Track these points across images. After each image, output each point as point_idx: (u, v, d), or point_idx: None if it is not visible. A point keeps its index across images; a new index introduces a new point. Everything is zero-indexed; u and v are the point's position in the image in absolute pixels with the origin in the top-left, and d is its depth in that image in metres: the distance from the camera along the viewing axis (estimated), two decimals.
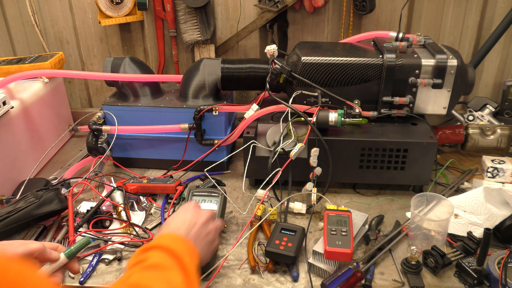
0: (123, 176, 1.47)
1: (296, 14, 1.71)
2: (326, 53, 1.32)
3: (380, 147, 1.27)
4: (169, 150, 1.48)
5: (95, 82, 1.92)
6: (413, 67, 1.27)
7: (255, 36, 1.75)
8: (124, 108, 1.44)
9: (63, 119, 1.72)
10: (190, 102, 1.44)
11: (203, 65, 1.42)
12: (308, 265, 1.06)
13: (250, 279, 1.05)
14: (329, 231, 1.05)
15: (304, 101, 1.33)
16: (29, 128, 1.48)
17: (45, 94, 1.58)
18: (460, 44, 1.73)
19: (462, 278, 1.02)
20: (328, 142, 1.24)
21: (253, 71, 1.38)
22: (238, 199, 1.34)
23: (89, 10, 1.76)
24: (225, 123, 1.45)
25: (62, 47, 1.84)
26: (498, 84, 1.78)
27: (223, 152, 1.45)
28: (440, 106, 1.33)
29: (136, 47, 1.83)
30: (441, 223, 1.08)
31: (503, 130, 1.40)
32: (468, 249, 1.07)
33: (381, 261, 1.09)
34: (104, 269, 1.09)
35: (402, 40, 1.41)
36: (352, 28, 1.68)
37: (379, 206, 1.30)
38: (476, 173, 1.42)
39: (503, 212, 1.13)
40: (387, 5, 1.67)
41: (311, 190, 1.25)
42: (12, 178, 1.38)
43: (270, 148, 1.29)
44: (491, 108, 1.57)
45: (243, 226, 1.22)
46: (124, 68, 1.46)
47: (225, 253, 1.12)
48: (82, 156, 1.60)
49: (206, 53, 1.74)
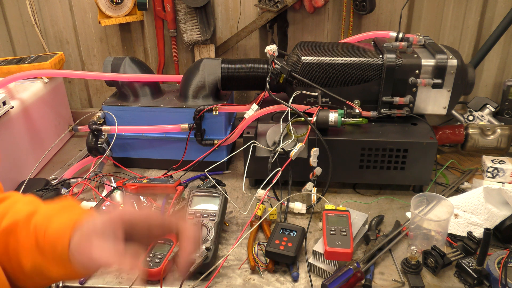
0: (123, 176, 1.47)
1: (296, 14, 1.71)
2: (326, 53, 1.32)
3: (380, 147, 1.27)
4: (169, 150, 1.48)
5: (95, 82, 1.92)
6: (413, 67, 1.27)
7: (255, 36, 1.75)
8: (124, 108, 1.44)
9: (63, 119, 1.72)
10: (190, 102, 1.44)
11: (203, 65, 1.42)
12: (308, 265, 1.06)
13: (250, 279, 1.05)
14: (328, 231, 1.05)
15: (304, 101, 1.33)
16: (29, 128, 1.48)
17: (45, 94, 1.58)
18: (460, 44, 1.73)
19: (462, 278, 1.02)
20: (328, 142, 1.24)
21: (253, 71, 1.38)
22: (238, 199, 1.34)
23: (89, 10, 1.76)
24: (225, 123, 1.45)
25: (62, 47, 1.84)
26: (498, 84, 1.78)
27: (223, 152, 1.45)
28: (440, 106, 1.33)
29: (136, 47, 1.83)
30: (441, 223, 1.08)
31: (503, 130, 1.40)
32: (468, 249, 1.07)
33: (381, 261, 1.09)
34: (104, 269, 1.09)
35: (402, 40, 1.41)
36: (352, 28, 1.68)
37: (379, 206, 1.30)
38: (476, 173, 1.42)
39: (503, 212, 1.13)
40: (387, 5, 1.67)
41: (311, 190, 1.25)
42: (12, 178, 1.38)
43: (270, 148, 1.29)
44: (491, 108, 1.57)
45: (243, 226, 1.22)
46: (124, 68, 1.46)
47: (225, 253, 1.12)
48: (82, 156, 1.60)
49: (206, 53, 1.74)
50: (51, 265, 0.66)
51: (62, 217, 0.67)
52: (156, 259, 1.05)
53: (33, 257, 0.66)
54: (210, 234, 1.10)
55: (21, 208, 0.70)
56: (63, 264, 0.65)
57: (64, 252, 0.64)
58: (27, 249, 0.66)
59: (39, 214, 0.68)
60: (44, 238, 0.65)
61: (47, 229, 0.66)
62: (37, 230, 0.66)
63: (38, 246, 0.66)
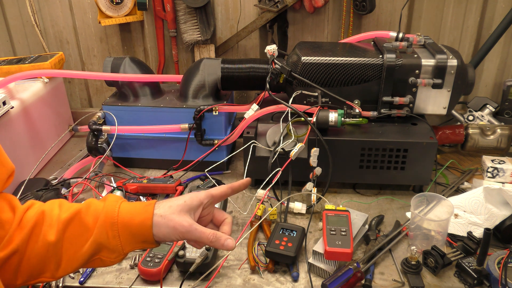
0: (123, 176, 1.47)
1: (296, 14, 1.71)
2: (326, 53, 1.32)
3: (380, 147, 1.27)
4: (169, 150, 1.48)
5: (95, 82, 1.92)
6: (413, 67, 1.27)
7: (255, 36, 1.75)
8: (124, 108, 1.44)
9: (63, 119, 1.72)
10: (190, 102, 1.44)
11: (203, 65, 1.42)
12: (308, 265, 1.06)
13: (250, 279, 1.05)
14: (328, 231, 1.05)
15: (304, 101, 1.33)
16: (29, 128, 1.48)
17: (45, 94, 1.58)
18: (460, 44, 1.73)
19: (462, 278, 1.02)
20: (328, 142, 1.24)
21: (253, 71, 1.38)
22: (238, 199, 1.34)
23: (89, 10, 1.76)
24: (225, 123, 1.45)
25: (62, 47, 1.84)
26: (498, 84, 1.78)
27: (223, 152, 1.45)
28: (440, 106, 1.33)
29: (136, 47, 1.83)
30: (441, 223, 1.08)
31: (503, 130, 1.40)
32: (468, 249, 1.07)
33: (381, 261, 1.09)
34: (104, 269, 1.09)
35: (402, 40, 1.41)
36: (352, 28, 1.68)
37: (379, 206, 1.30)
38: (476, 173, 1.42)
39: (503, 212, 1.13)
40: (387, 5, 1.67)
41: (311, 190, 1.25)
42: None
43: (270, 148, 1.29)
44: (491, 108, 1.57)
45: (243, 226, 1.22)
46: (124, 68, 1.46)
47: (225, 253, 1.12)
48: (82, 156, 1.60)
49: (206, 53, 1.74)
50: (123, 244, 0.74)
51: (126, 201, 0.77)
52: (156, 259, 1.05)
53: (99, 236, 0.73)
54: None
55: (69, 204, 0.77)
56: (135, 241, 0.74)
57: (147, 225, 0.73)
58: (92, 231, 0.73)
59: (96, 202, 0.76)
60: (118, 217, 0.73)
61: (120, 210, 0.74)
62: (107, 212, 0.73)
63: (112, 225, 0.73)
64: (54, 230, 0.72)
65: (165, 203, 0.76)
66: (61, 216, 0.73)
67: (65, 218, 0.73)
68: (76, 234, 0.73)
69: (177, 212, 0.74)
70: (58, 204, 0.76)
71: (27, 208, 0.76)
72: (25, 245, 0.71)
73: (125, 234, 0.73)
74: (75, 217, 0.74)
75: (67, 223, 0.73)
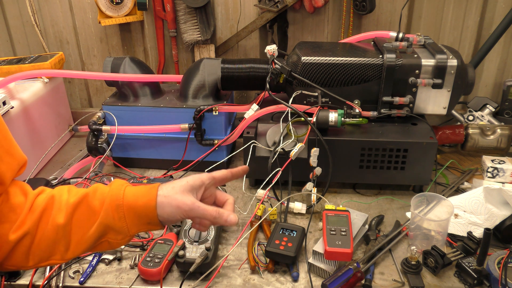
0: (123, 176, 1.47)
1: (296, 14, 1.71)
2: (326, 53, 1.32)
3: (380, 147, 1.27)
4: (169, 150, 1.48)
5: (95, 82, 1.92)
6: (413, 67, 1.27)
7: (255, 36, 1.75)
8: (124, 108, 1.44)
9: (63, 119, 1.72)
10: (190, 102, 1.44)
11: (203, 65, 1.42)
12: (308, 265, 1.06)
13: (250, 279, 1.05)
14: (328, 231, 1.05)
15: (304, 101, 1.33)
16: (29, 128, 1.48)
17: (45, 94, 1.58)
18: (460, 44, 1.73)
19: (462, 278, 1.02)
20: (328, 142, 1.24)
21: (253, 71, 1.38)
22: (238, 199, 1.34)
23: (89, 10, 1.76)
24: (225, 123, 1.45)
25: (62, 47, 1.84)
26: (498, 84, 1.78)
27: (223, 152, 1.45)
28: (440, 106, 1.33)
29: (136, 47, 1.83)
30: (441, 223, 1.08)
31: (503, 130, 1.40)
32: (468, 249, 1.07)
33: (381, 261, 1.09)
34: (104, 269, 1.09)
35: (402, 40, 1.41)
36: (352, 28, 1.68)
37: (379, 206, 1.30)
38: (476, 173, 1.42)
39: (503, 212, 1.13)
40: (387, 5, 1.67)
41: (311, 190, 1.25)
42: None
43: (270, 148, 1.29)
44: (491, 108, 1.57)
45: (243, 226, 1.22)
46: (124, 68, 1.46)
47: (225, 253, 1.12)
48: (82, 156, 1.60)
49: (206, 53, 1.74)
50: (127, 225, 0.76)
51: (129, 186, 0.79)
52: (156, 259, 1.05)
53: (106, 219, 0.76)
54: (210, 234, 1.10)
55: (77, 189, 0.80)
56: (140, 222, 0.77)
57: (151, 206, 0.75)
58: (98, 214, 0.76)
59: (103, 187, 0.79)
60: (123, 199, 0.76)
61: (125, 192, 0.77)
62: (113, 195, 0.76)
63: (118, 208, 0.75)
64: (63, 213, 0.75)
65: (168, 184, 0.79)
66: (69, 200, 0.77)
67: (73, 202, 0.76)
68: (84, 217, 0.76)
69: (180, 192, 0.77)
70: (67, 189, 0.80)
71: (38, 193, 0.79)
72: (35, 228, 0.75)
73: (131, 216, 0.76)
74: (83, 200, 0.77)
75: (75, 206, 0.76)
